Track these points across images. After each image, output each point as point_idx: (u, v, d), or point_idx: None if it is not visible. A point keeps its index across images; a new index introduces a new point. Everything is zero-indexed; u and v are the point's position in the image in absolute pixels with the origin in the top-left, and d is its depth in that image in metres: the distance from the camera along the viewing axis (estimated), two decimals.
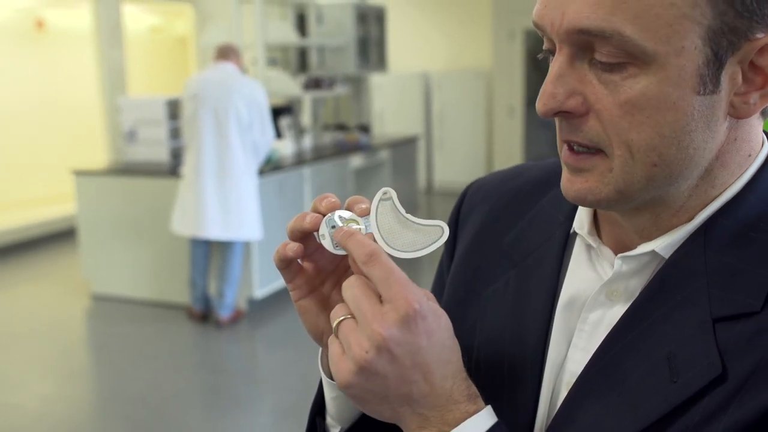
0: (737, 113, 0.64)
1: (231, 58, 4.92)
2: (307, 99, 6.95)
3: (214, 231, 4.83)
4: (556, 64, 0.65)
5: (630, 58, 0.61)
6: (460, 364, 0.68)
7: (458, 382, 0.67)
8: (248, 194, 4.90)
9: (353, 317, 0.66)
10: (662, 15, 0.59)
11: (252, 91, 4.84)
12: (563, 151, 0.69)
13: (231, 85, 4.80)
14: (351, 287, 0.67)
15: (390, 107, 9.98)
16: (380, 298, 0.65)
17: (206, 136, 4.76)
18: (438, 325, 0.66)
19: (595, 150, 0.66)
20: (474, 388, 0.68)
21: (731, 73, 0.62)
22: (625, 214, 0.71)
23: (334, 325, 0.68)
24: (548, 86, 0.65)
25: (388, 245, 0.71)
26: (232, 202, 4.82)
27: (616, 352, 0.68)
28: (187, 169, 4.90)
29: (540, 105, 0.65)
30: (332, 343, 0.68)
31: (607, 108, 0.63)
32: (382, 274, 0.65)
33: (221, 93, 4.75)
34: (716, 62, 0.61)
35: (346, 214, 0.72)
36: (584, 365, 0.71)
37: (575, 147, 0.67)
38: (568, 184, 0.69)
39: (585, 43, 0.63)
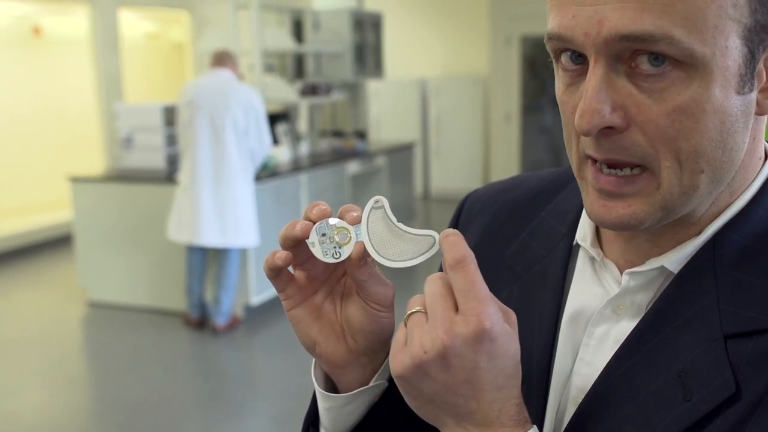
0: (761, 110, 0.64)
1: (227, 64, 4.93)
2: (304, 105, 6.95)
3: (211, 238, 4.83)
4: (594, 78, 0.61)
5: (676, 64, 0.59)
6: (516, 390, 0.66)
7: (508, 408, 0.65)
8: (245, 201, 4.89)
9: (426, 313, 0.65)
10: (708, 16, 0.58)
11: (248, 98, 4.84)
12: (593, 175, 0.65)
13: (228, 92, 4.80)
14: (433, 283, 0.66)
15: (387, 113, 9.98)
16: (457, 305, 0.64)
17: (203, 142, 4.76)
18: (505, 350, 0.63)
19: (638, 169, 0.63)
20: (525, 414, 0.66)
21: (760, 71, 0.62)
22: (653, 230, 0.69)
23: (407, 313, 0.67)
24: (591, 102, 0.61)
25: (378, 254, 0.70)
26: (228, 209, 4.82)
27: (626, 369, 0.67)
28: (183, 175, 4.89)
29: (584, 122, 0.61)
30: (400, 329, 0.67)
31: (652, 118, 0.61)
32: (464, 284, 0.63)
33: (218, 100, 4.75)
34: (752, 61, 0.61)
35: (338, 222, 0.71)
36: (591, 380, 0.70)
37: (606, 170, 0.64)
38: (604, 210, 0.65)
39: (624, 52, 0.60)
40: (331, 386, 0.80)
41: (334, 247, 0.70)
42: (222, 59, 4.93)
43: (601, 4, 0.60)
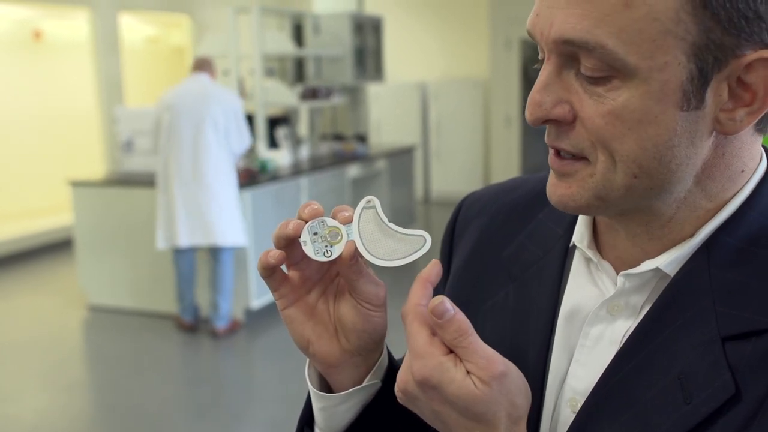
0: (723, 129, 0.63)
1: (206, 69, 5.02)
2: (304, 109, 6.95)
3: (195, 238, 4.83)
4: (543, 73, 0.65)
5: (613, 71, 0.61)
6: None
7: None
8: (228, 201, 4.90)
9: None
10: (645, 30, 0.59)
11: (227, 99, 4.93)
12: (550, 156, 0.69)
13: (206, 94, 4.87)
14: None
15: (387, 117, 9.99)
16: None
17: (184, 144, 4.79)
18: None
19: (579, 156, 0.66)
20: None
21: (717, 89, 0.62)
22: (617, 219, 0.71)
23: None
24: (535, 95, 0.65)
25: (369, 253, 0.71)
26: (213, 210, 4.82)
27: (625, 374, 0.68)
28: (161, 179, 4.92)
29: (527, 113, 0.65)
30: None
31: (590, 117, 0.63)
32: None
33: (197, 102, 4.82)
34: (701, 78, 0.61)
35: (330, 221, 0.72)
36: (586, 382, 0.70)
37: (561, 153, 0.67)
38: (552, 188, 0.69)
39: (571, 54, 0.63)
40: (325, 386, 0.80)
41: (326, 246, 0.71)
42: (201, 65, 5.03)
43: (555, 7, 0.62)
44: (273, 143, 6.26)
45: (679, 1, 0.58)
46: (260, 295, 5.36)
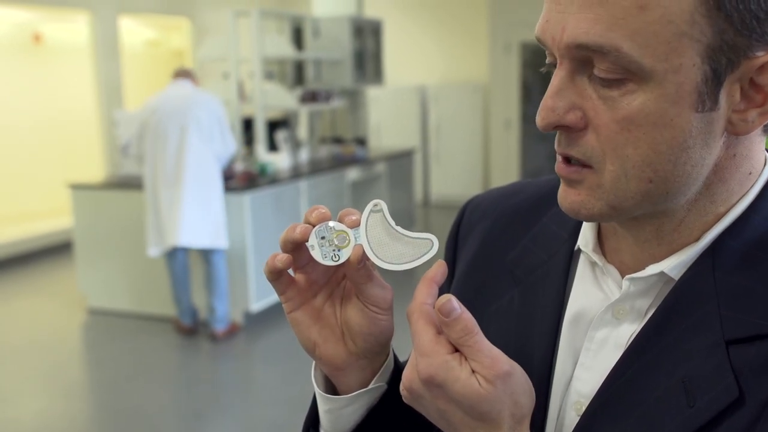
0: (735, 130, 0.64)
1: (188, 76, 5.10)
2: (304, 112, 6.96)
3: (177, 239, 4.83)
4: (556, 79, 0.64)
5: (628, 75, 0.61)
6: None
7: None
8: (210, 203, 4.90)
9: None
10: (660, 32, 0.59)
11: (211, 104, 4.96)
12: (557, 163, 0.68)
13: (189, 98, 4.92)
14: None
15: (387, 120, 10.00)
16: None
17: (169, 148, 4.81)
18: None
19: (586, 164, 0.66)
20: None
21: (730, 91, 0.62)
22: (626, 226, 0.71)
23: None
24: (548, 100, 0.64)
25: (377, 257, 0.71)
26: (193, 212, 4.83)
27: (629, 376, 0.68)
28: (148, 182, 4.93)
29: (539, 119, 0.65)
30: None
31: (604, 123, 0.63)
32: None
33: (183, 106, 4.86)
34: (715, 80, 0.61)
35: (337, 225, 0.72)
36: (591, 386, 0.71)
37: (571, 160, 0.67)
38: (563, 194, 0.69)
39: (584, 58, 0.62)
40: (331, 388, 0.80)
41: (333, 250, 0.71)
42: (183, 73, 5.11)
43: (567, 12, 0.62)
44: (272, 146, 6.26)
45: (693, 3, 0.58)
46: (259, 299, 5.36)
